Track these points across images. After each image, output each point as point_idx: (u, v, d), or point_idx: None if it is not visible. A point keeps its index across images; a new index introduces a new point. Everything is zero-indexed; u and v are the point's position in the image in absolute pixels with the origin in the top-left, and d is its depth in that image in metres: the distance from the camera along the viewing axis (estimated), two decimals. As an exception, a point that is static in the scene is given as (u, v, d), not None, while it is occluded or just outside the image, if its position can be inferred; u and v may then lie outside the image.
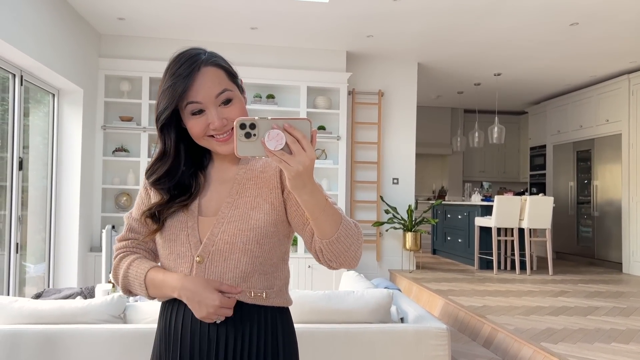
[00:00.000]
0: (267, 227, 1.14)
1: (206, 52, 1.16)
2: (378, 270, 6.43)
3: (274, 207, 1.16)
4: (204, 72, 1.11)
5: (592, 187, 7.46)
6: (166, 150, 1.17)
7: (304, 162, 0.94)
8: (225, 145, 1.13)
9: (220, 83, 1.12)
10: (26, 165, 4.59)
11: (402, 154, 6.55)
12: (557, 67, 6.74)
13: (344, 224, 1.07)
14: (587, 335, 3.50)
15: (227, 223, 1.14)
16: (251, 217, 1.14)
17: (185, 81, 1.09)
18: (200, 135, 1.12)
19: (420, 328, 2.55)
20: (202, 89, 1.10)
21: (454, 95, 8.56)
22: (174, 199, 1.18)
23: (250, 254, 1.13)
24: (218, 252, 1.13)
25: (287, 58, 6.06)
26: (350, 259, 1.10)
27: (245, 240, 1.12)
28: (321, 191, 1.03)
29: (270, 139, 0.93)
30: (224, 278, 1.12)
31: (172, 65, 1.12)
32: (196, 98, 1.10)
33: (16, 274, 4.28)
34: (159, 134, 1.16)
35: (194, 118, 1.11)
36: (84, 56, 5.25)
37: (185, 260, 1.14)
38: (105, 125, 5.66)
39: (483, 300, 4.64)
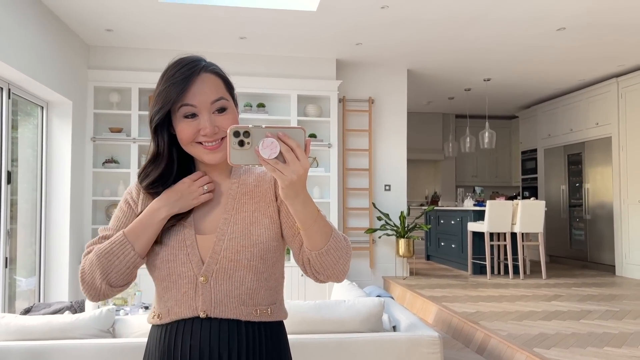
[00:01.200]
0: (269, 242, 1.13)
1: (206, 60, 1.15)
2: (372, 277, 6.41)
3: (273, 221, 1.15)
4: (202, 78, 1.10)
5: (584, 190, 7.50)
6: (159, 152, 1.15)
7: (298, 171, 0.93)
8: (212, 154, 1.11)
9: (217, 91, 1.11)
10: (15, 177, 4.56)
11: (393, 160, 6.56)
12: (546, 72, 6.79)
13: (334, 236, 1.07)
14: (580, 339, 3.50)
15: (228, 240, 1.11)
16: (252, 232, 1.12)
17: (184, 83, 1.08)
18: (189, 139, 1.10)
19: (413, 336, 2.54)
20: (199, 93, 1.09)
21: (445, 100, 8.59)
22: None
23: (255, 270, 1.11)
24: (222, 270, 1.10)
25: (277, 67, 6.06)
26: (338, 272, 1.10)
27: (250, 257, 1.10)
28: (313, 202, 1.02)
29: (264, 148, 0.93)
30: (229, 296, 1.10)
31: (170, 68, 1.11)
32: (192, 101, 1.08)
33: (5, 289, 4.24)
34: (152, 135, 1.15)
35: (186, 121, 1.09)
36: (72, 68, 5.23)
37: (188, 281, 1.11)
38: (95, 136, 5.63)
39: (476, 306, 4.63)
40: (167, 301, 1.13)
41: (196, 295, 1.10)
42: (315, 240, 1.05)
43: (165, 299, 1.13)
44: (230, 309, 1.10)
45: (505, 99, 8.43)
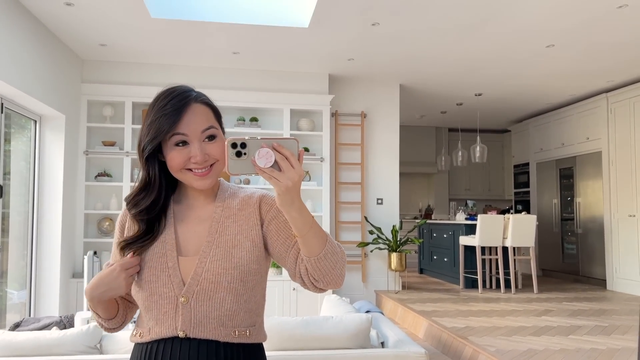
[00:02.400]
0: (249, 265, 1.16)
1: (195, 90, 1.21)
2: (364, 291, 6.42)
3: (255, 244, 1.18)
4: (193, 108, 1.15)
5: (575, 204, 7.55)
6: (150, 180, 1.19)
7: (293, 178, 0.99)
8: (202, 180, 1.16)
9: (207, 120, 1.17)
10: (8, 190, 4.56)
11: (385, 174, 6.59)
12: (537, 86, 6.86)
13: (329, 241, 1.11)
14: (568, 355, 3.51)
15: (210, 262, 1.15)
16: (233, 255, 1.15)
17: (176, 115, 1.13)
18: (179, 167, 1.15)
19: (400, 353, 2.55)
20: (191, 123, 1.14)
21: (438, 114, 8.66)
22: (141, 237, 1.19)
23: (235, 292, 1.14)
24: (202, 292, 1.13)
25: (270, 81, 6.11)
26: (337, 277, 1.13)
27: (230, 279, 1.14)
28: (307, 209, 1.07)
29: (260, 157, 0.98)
30: (209, 317, 1.13)
31: (161, 99, 1.16)
32: (183, 130, 1.13)
33: (-5, 303, 4.23)
34: (143, 163, 1.18)
35: (177, 149, 1.14)
36: (65, 82, 5.26)
37: (169, 301, 1.14)
38: (88, 150, 5.65)
39: (466, 320, 4.64)
40: (149, 320, 1.17)
41: (176, 315, 1.13)
42: (313, 246, 1.09)
43: (147, 318, 1.17)
44: (209, 330, 1.13)
45: (497, 113, 8.51)
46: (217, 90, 5.80)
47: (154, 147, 1.15)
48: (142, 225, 1.19)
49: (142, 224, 1.19)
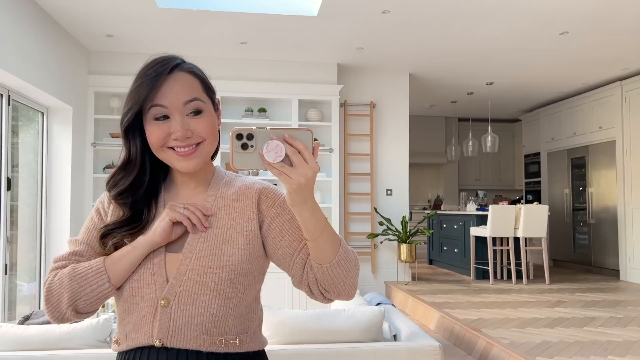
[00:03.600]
0: (241, 264, 1.01)
1: (183, 60, 1.07)
2: (374, 282, 6.38)
3: (249, 242, 1.04)
4: (176, 76, 1.01)
5: (587, 194, 7.45)
6: (131, 159, 1.05)
7: (306, 175, 0.88)
8: (185, 161, 1.01)
9: (191, 91, 1.02)
10: (16, 183, 4.55)
11: (395, 164, 6.52)
12: (549, 75, 6.74)
13: (343, 246, 1.00)
14: (583, 348, 3.45)
15: (195, 259, 1.00)
16: (223, 252, 1.01)
17: (153, 82, 0.99)
18: (159, 143, 1.01)
19: (413, 346, 2.51)
20: (171, 92, 1.00)
21: (448, 104, 8.56)
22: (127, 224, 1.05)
23: (223, 294, 1.00)
24: (185, 294, 0.99)
25: (278, 71, 6.04)
26: (349, 286, 1.01)
27: (217, 280, 0.99)
28: (321, 210, 0.96)
29: (269, 151, 0.88)
30: (191, 323, 0.98)
31: (143, 67, 1.03)
32: (161, 101, 0.99)
33: (6, 295, 4.23)
34: (123, 139, 1.05)
35: (156, 123, 1.00)
36: (72, 74, 5.22)
37: (149, 304, 0.99)
38: (96, 142, 5.62)
39: (479, 312, 4.59)
40: (127, 325, 1.02)
41: (154, 320, 0.99)
42: (325, 252, 0.97)
43: (125, 322, 1.02)
44: (190, 338, 0.98)
45: (508, 102, 8.39)
46: (225, 80, 5.74)
47: (132, 119, 1.01)
48: (125, 210, 1.05)
49: (125, 208, 1.05)
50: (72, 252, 1.06)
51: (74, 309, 1.00)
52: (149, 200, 1.07)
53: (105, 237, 1.04)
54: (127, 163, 1.06)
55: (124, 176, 1.06)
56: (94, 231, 1.07)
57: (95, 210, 1.10)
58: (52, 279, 1.02)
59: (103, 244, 1.04)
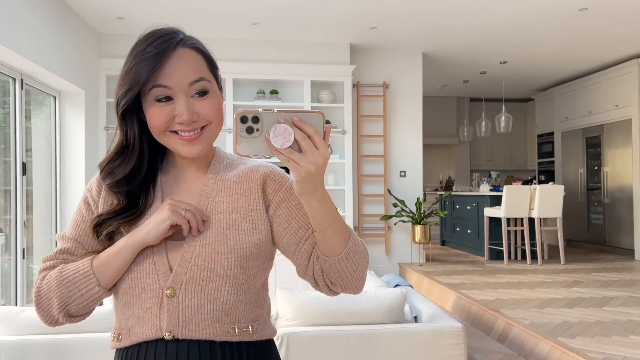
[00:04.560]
0: (249, 249, 0.95)
1: (185, 33, 0.98)
2: (387, 264, 6.37)
3: (255, 227, 0.97)
4: (179, 53, 0.92)
5: (602, 174, 7.36)
6: (128, 143, 0.96)
7: (317, 162, 0.81)
8: (190, 146, 0.94)
9: (198, 70, 0.94)
10: (30, 167, 4.55)
11: (408, 146, 6.47)
12: (564, 53, 6.62)
13: (352, 238, 0.93)
14: (605, 328, 3.43)
15: (200, 246, 0.94)
16: (229, 237, 0.95)
17: (156, 60, 0.90)
18: (161, 128, 0.92)
19: (436, 327, 2.50)
20: (175, 72, 0.91)
21: (460, 84, 8.45)
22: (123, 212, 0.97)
23: (233, 281, 0.94)
24: (193, 281, 0.92)
25: (290, 52, 5.97)
26: (357, 280, 0.95)
27: (227, 265, 0.93)
28: (331, 199, 0.89)
29: (277, 135, 0.81)
30: (201, 312, 0.92)
31: (141, 42, 0.93)
32: (165, 81, 0.91)
33: (23, 280, 4.25)
34: (119, 122, 0.96)
35: (158, 106, 0.92)
36: (83, 57, 5.18)
37: (153, 295, 0.93)
38: (108, 126, 5.60)
39: (495, 293, 4.57)
40: (128, 319, 0.94)
41: (161, 312, 0.92)
42: (334, 244, 0.91)
43: (126, 316, 0.95)
44: (201, 328, 0.92)
45: (521, 81, 8.27)
46: (237, 62, 5.68)
47: (130, 101, 0.92)
48: (121, 198, 0.97)
49: (120, 196, 0.97)
50: (60, 250, 0.99)
51: (66, 314, 0.94)
52: (146, 185, 1.00)
53: (99, 226, 0.96)
54: (123, 148, 0.97)
55: (121, 163, 0.97)
56: (83, 225, 0.99)
57: (84, 201, 1.02)
58: (41, 282, 0.95)
59: (96, 233, 0.96)
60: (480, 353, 3.47)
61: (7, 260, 4.21)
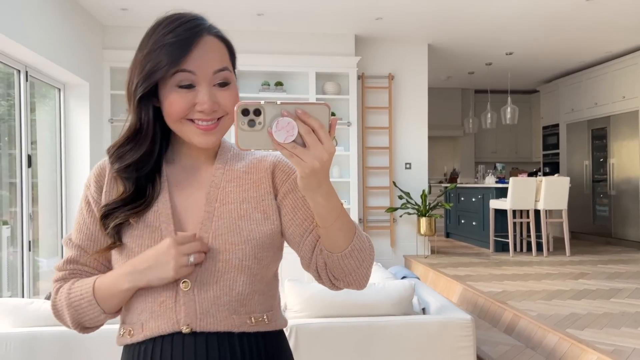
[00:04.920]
0: (262, 239, 0.94)
1: (209, 21, 0.97)
2: (393, 256, 6.36)
3: (267, 217, 0.96)
4: (206, 41, 0.91)
5: (608, 166, 7.32)
6: (142, 127, 0.93)
7: (321, 157, 0.77)
8: (205, 136, 0.91)
9: (221, 59, 0.93)
10: (35, 160, 4.54)
11: (414, 138, 6.44)
12: (571, 44, 6.57)
13: (358, 235, 0.91)
14: (613, 319, 3.42)
15: (213, 237, 0.92)
16: (242, 227, 0.93)
17: (184, 46, 0.88)
18: (180, 115, 0.90)
19: (445, 319, 2.49)
20: (201, 59, 0.89)
21: (465, 75, 8.41)
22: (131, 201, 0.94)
23: (248, 271, 0.93)
24: (208, 273, 0.91)
25: (295, 44, 5.94)
26: (361, 276, 0.94)
27: (242, 256, 0.92)
28: (336, 193, 0.86)
29: (279, 129, 0.77)
30: (218, 304, 0.91)
31: (163, 26, 0.91)
32: (191, 67, 0.88)
33: (30, 272, 4.26)
34: (135, 106, 0.92)
35: (179, 92, 0.89)
36: (87, 49, 5.16)
37: (167, 288, 0.91)
38: (113, 118, 5.59)
39: (502, 285, 4.56)
40: (141, 313, 0.92)
41: (177, 305, 0.90)
42: (338, 241, 0.89)
43: (138, 310, 0.93)
44: (219, 320, 0.91)
45: (527, 73, 8.22)
46: (241, 54, 5.57)
47: (150, 87, 0.89)
48: (128, 185, 0.94)
49: (128, 183, 0.94)
50: (67, 259, 0.98)
51: (81, 328, 0.96)
52: (153, 175, 0.97)
53: (106, 217, 0.93)
54: (136, 133, 0.94)
55: (133, 148, 0.94)
56: (85, 229, 0.97)
57: (85, 201, 0.99)
58: (55, 296, 0.96)
59: (104, 225, 0.93)
60: (488, 345, 3.46)
61: (13, 253, 4.22)
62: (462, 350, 2.44)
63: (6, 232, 4.18)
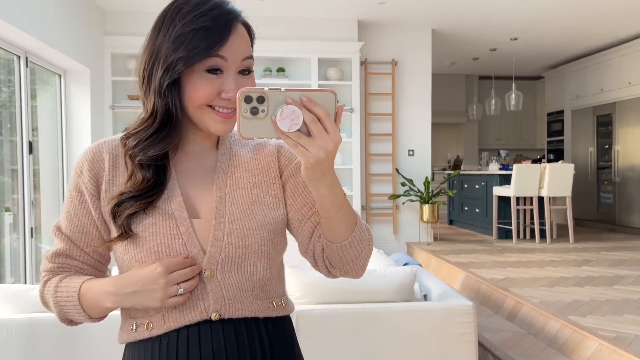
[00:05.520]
0: (276, 224, 0.94)
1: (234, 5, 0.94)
2: (395, 243, 6.35)
3: (278, 201, 0.95)
4: (238, 29, 0.89)
5: (613, 152, 7.27)
6: (172, 117, 0.88)
7: (327, 147, 0.75)
8: (223, 124, 0.88)
9: (248, 47, 0.91)
10: (36, 147, 4.53)
11: (417, 124, 6.39)
12: (577, 29, 6.49)
13: (358, 226, 0.90)
14: (616, 306, 3.40)
15: (229, 223, 0.90)
16: (255, 213, 0.92)
17: (224, 32, 0.85)
18: (205, 100, 0.86)
19: (446, 306, 2.48)
20: (235, 45, 0.87)
21: (469, 61, 8.33)
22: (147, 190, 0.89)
23: (267, 256, 0.93)
24: (229, 260, 0.90)
25: (297, 29, 5.88)
26: (359, 267, 0.93)
27: (260, 241, 0.91)
28: (340, 184, 0.85)
29: (284, 117, 0.74)
30: (242, 289, 0.91)
31: (190, 4, 0.86)
32: (226, 53, 0.86)
33: (32, 259, 4.27)
34: (159, 93, 0.87)
35: (208, 77, 0.86)
36: (88, 35, 5.12)
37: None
38: (114, 104, 5.56)
39: (504, 272, 4.55)
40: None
41: (203, 292, 0.89)
42: (339, 231, 0.88)
43: None
44: (246, 306, 0.91)
45: (532, 59, 8.13)
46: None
47: (182, 71, 0.85)
48: (148, 175, 0.89)
49: (149, 172, 0.89)
50: (56, 252, 0.93)
51: (69, 322, 0.94)
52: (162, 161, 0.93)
53: (118, 206, 0.88)
54: (164, 123, 0.88)
55: (164, 139, 0.89)
56: (76, 219, 0.92)
57: (75, 190, 0.92)
58: (42, 289, 0.93)
59: (115, 215, 0.88)
60: (490, 331, 3.45)
61: (16, 239, 4.22)
62: (464, 337, 2.43)
63: (8, 218, 4.18)
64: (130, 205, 0.88)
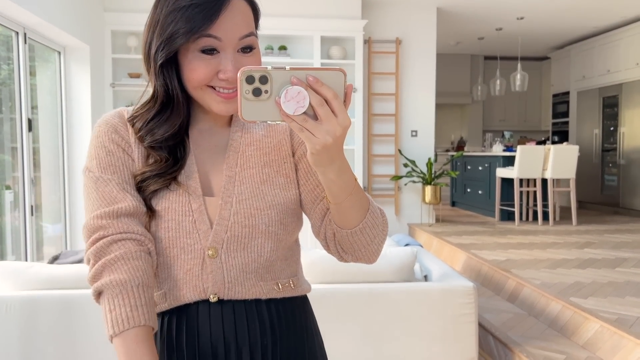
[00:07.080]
0: (287, 204, 0.91)
1: None
2: (397, 224, 6.34)
3: (290, 181, 0.93)
4: (234, 5, 0.83)
5: (619, 134, 7.20)
6: (172, 98, 0.87)
7: (334, 132, 0.70)
8: (225, 104, 0.86)
9: (248, 24, 0.86)
10: (36, 125, 4.50)
11: (421, 105, 6.33)
12: (584, 8, 6.37)
13: (371, 211, 0.86)
14: (618, 288, 3.38)
15: (237, 202, 0.88)
16: (265, 192, 0.90)
17: (213, 9, 0.81)
18: (202, 82, 0.84)
19: (446, 286, 2.47)
20: (229, 23, 0.82)
21: (474, 41, 8.21)
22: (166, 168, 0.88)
23: (275, 237, 0.90)
24: (234, 239, 0.88)
25: (300, 6, 5.78)
26: (371, 253, 0.89)
27: (268, 222, 0.88)
28: (350, 169, 0.81)
29: (289, 99, 0.69)
30: (246, 271, 0.89)
31: None
32: (217, 32, 0.81)
33: (33, 237, 4.26)
34: (158, 73, 0.85)
35: (203, 58, 0.83)
36: (88, 11, 5.05)
37: (194, 255, 0.87)
38: (114, 82, 5.51)
39: (506, 253, 4.53)
40: (164, 281, 0.89)
41: (203, 273, 0.87)
42: (349, 217, 0.84)
43: (161, 278, 0.89)
44: (247, 288, 0.89)
45: (538, 39, 8.02)
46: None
47: (171, 53, 0.83)
48: (164, 155, 0.88)
49: (164, 153, 0.88)
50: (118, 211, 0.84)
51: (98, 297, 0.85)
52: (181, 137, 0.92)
53: (143, 182, 0.87)
54: (165, 104, 0.88)
55: (166, 121, 0.88)
56: (120, 164, 0.88)
57: (110, 141, 0.88)
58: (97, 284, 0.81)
59: (139, 189, 0.87)
60: (490, 312, 3.45)
61: (17, 218, 4.22)
62: (464, 318, 2.42)
63: (9, 196, 4.17)
64: (154, 182, 0.87)
